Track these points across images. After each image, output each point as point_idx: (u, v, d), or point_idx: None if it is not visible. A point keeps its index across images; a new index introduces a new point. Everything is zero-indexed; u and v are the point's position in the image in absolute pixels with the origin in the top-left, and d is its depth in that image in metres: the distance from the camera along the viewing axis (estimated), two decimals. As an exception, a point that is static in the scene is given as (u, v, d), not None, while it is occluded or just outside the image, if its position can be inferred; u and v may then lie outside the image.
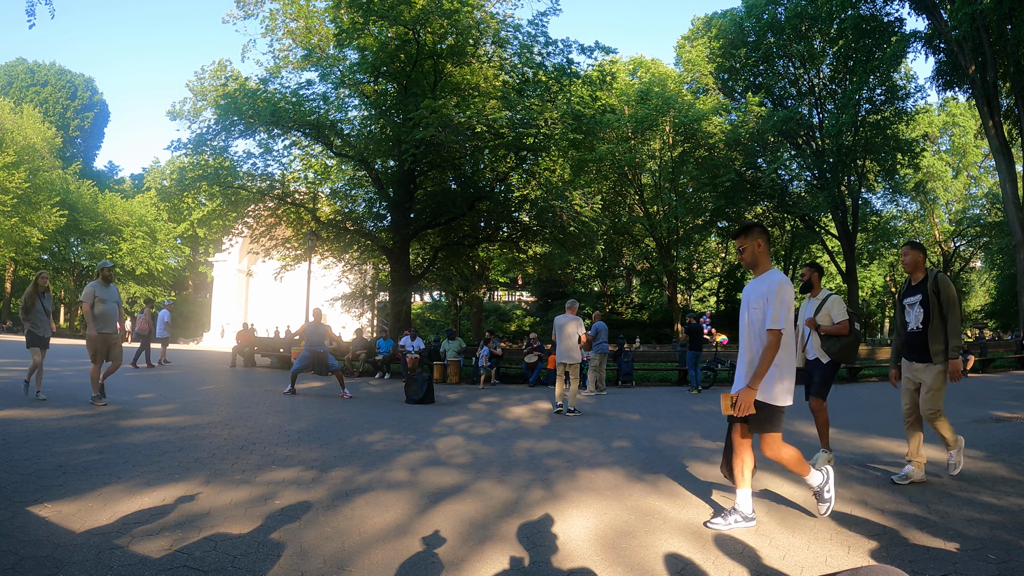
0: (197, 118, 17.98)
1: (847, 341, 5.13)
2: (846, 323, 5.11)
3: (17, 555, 2.69)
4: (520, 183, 20.58)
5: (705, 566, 2.90)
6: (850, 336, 5.13)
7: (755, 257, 3.60)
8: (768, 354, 3.33)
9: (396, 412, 8.60)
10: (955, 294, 4.43)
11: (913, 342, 4.62)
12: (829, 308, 5.24)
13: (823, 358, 5.19)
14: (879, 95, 27.48)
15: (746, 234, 3.62)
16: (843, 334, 5.14)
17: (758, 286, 3.52)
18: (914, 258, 4.69)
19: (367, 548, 3.06)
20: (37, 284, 7.72)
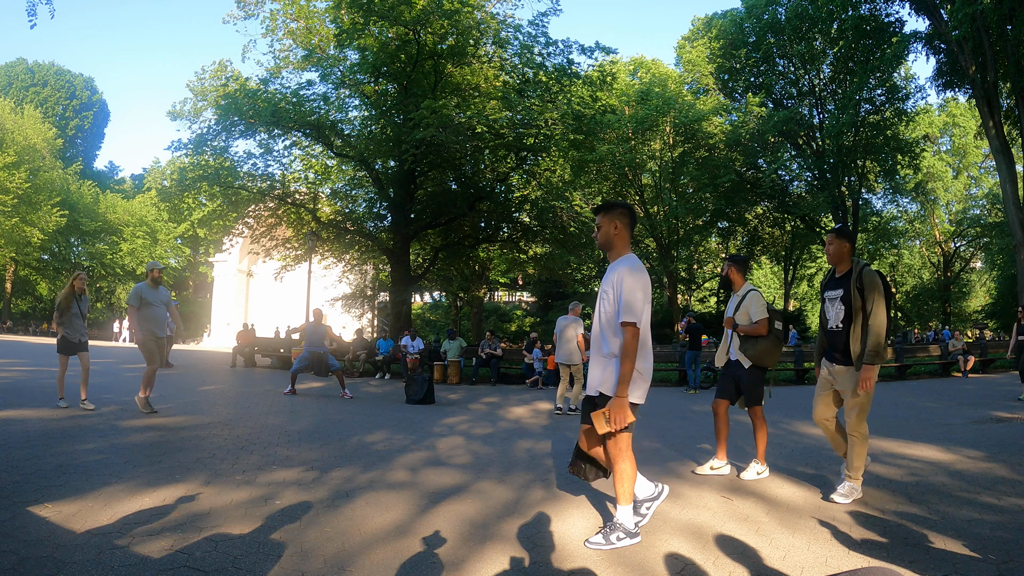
0: (197, 118, 18.02)
1: (765, 343, 4.70)
2: (765, 322, 4.68)
3: (18, 555, 2.69)
4: (520, 183, 20.60)
5: (705, 566, 2.90)
6: (769, 337, 4.70)
7: (609, 239, 3.28)
8: (629, 351, 3.01)
9: (396, 412, 8.60)
10: (882, 291, 3.95)
11: (833, 342, 4.17)
12: (747, 306, 4.78)
13: (744, 361, 4.76)
14: (879, 95, 27.50)
15: (606, 212, 3.29)
16: (760, 335, 4.71)
17: (609, 274, 3.22)
18: (838, 247, 4.21)
19: (367, 548, 3.06)
20: (74, 286, 7.25)
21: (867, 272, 4.01)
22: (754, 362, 4.71)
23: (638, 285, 3.07)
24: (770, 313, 4.71)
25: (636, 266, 3.13)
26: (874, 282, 3.94)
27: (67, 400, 7.17)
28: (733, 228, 34.50)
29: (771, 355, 4.74)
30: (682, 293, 39.18)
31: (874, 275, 3.98)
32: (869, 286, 3.93)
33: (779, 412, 9.12)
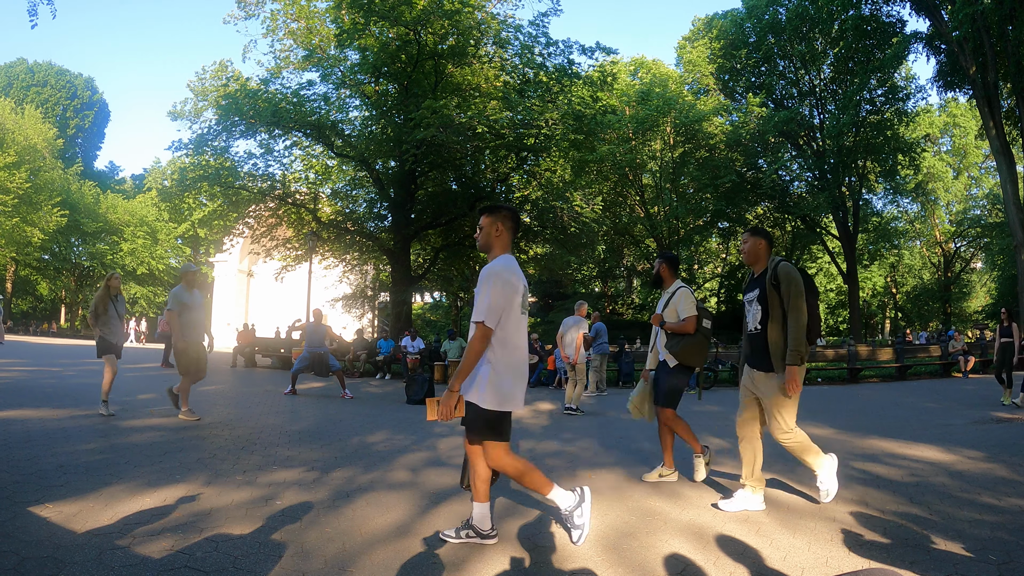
0: (198, 118, 18.03)
1: (690, 341, 4.51)
2: (692, 320, 4.49)
3: (18, 555, 2.69)
4: (521, 184, 20.60)
5: (706, 567, 2.90)
6: (696, 336, 4.51)
7: (489, 240, 3.17)
8: (471, 349, 2.94)
9: (397, 412, 8.60)
10: (801, 287, 3.70)
11: (753, 345, 3.94)
12: (676, 303, 4.60)
13: (670, 360, 4.57)
14: (880, 96, 27.50)
15: (490, 213, 3.19)
16: (687, 333, 4.51)
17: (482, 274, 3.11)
18: (753, 246, 4.00)
19: (368, 548, 3.06)
20: (109, 286, 7.06)
21: (783, 268, 3.79)
22: (680, 361, 4.52)
23: (494, 286, 2.96)
24: (699, 311, 4.54)
25: (499, 267, 3.01)
26: (791, 278, 3.72)
27: (114, 405, 7.02)
28: (733, 228, 34.50)
29: (697, 354, 4.57)
30: (682, 293, 39.13)
31: (791, 270, 3.77)
32: (785, 282, 3.72)
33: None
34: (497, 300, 2.95)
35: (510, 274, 3.02)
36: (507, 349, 3.02)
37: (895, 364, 15.88)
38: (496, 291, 2.95)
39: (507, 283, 2.99)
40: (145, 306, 46.11)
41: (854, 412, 9.15)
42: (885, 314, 49.11)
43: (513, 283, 3.01)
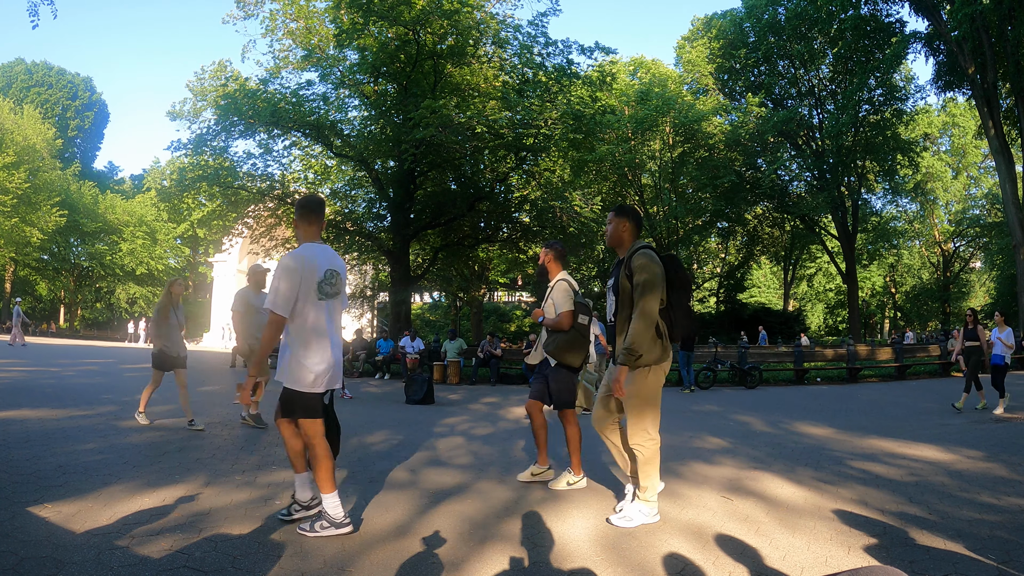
0: (197, 118, 18.02)
1: (564, 339, 4.21)
2: (568, 315, 4.19)
3: (17, 555, 2.69)
4: (520, 184, 20.60)
5: (705, 567, 2.90)
6: (570, 332, 4.21)
7: (297, 231, 3.39)
8: (263, 336, 3.15)
9: (396, 412, 8.60)
10: (655, 279, 3.29)
11: (609, 338, 3.65)
12: (553, 296, 4.31)
13: (550, 359, 4.31)
14: (879, 96, 27.52)
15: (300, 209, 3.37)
16: (562, 329, 4.22)
17: None
18: (615, 228, 3.61)
19: (367, 548, 3.06)
20: (171, 292, 6.49)
21: (639, 255, 3.40)
22: (557, 359, 4.27)
23: (277, 277, 3.10)
24: (576, 306, 4.23)
25: (286, 259, 3.15)
26: (643, 265, 3.32)
27: (148, 417, 6.58)
28: (733, 228, 34.53)
29: (572, 352, 4.26)
30: (682, 293, 39.15)
31: (646, 257, 3.36)
32: (638, 271, 3.33)
33: (779, 412, 9.14)
34: (283, 289, 3.06)
35: (296, 263, 3.11)
36: (307, 334, 3.12)
37: (894, 364, 15.89)
38: (280, 281, 3.07)
39: (291, 272, 3.08)
40: (144, 306, 46.07)
41: (853, 412, 9.15)
42: (884, 314, 49.16)
43: (299, 271, 3.09)
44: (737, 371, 14.35)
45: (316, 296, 3.15)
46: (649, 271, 3.30)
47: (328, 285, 3.22)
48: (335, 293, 3.28)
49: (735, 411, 9.31)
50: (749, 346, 17.36)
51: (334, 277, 3.27)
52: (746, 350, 15.25)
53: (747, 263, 40.07)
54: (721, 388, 13.68)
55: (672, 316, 3.41)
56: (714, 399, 11.28)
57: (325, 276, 3.21)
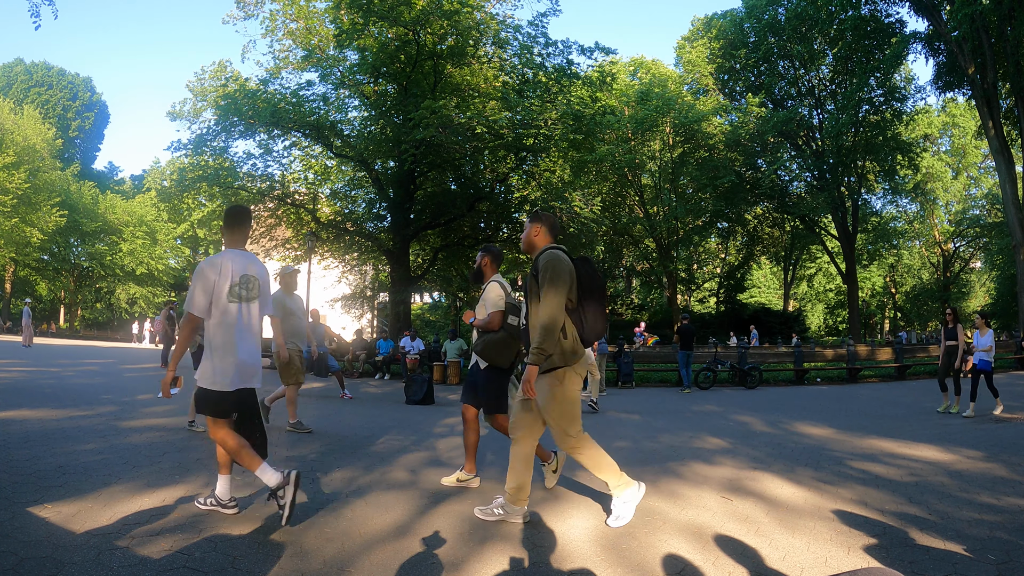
0: (197, 119, 18.04)
1: (493, 339, 4.14)
2: (497, 316, 4.14)
3: (17, 556, 2.69)
4: (520, 184, 20.62)
5: (705, 567, 2.90)
6: (498, 333, 4.14)
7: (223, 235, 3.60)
8: (180, 335, 3.38)
9: (396, 413, 8.60)
10: (558, 278, 3.25)
11: (524, 339, 3.63)
12: (485, 298, 4.26)
13: (480, 361, 4.27)
14: (879, 96, 27.53)
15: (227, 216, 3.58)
16: (492, 330, 4.17)
17: None
18: (528, 233, 3.64)
19: (367, 549, 3.06)
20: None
21: (544, 255, 3.40)
22: (486, 360, 4.21)
23: (196, 278, 3.34)
24: (507, 307, 4.19)
25: (206, 260, 3.38)
26: (546, 265, 3.30)
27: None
28: (733, 228, 34.55)
29: (502, 353, 4.18)
30: (682, 293, 39.21)
31: (550, 257, 3.35)
32: (541, 270, 3.29)
33: (779, 412, 9.13)
34: (197, 292, 3.30)
35: (211, 267, 3.33)
36: (217, 334, 3.31)
37: (894, 364, 15.89)
38: (196, 284, 3.32)
39: (205, 276, 3.30)
40: (144, 306, 46.06)
41: (853, 412, 9.15)
42: (884, 314, 49.17)
43: (209, 275, 3.31)
44: (737, 371, 14.35)
45: (227, 299, 3.33)
46: (551, 270, 3.28)
47: (242, 289, 3.39)
48: (251, 297, 3.44)
49: (735, 411, 9.30)
50: (748, 347, 17.35)
51: (249, 282, 3.43)
52: (746, 350, 15.25)
53: (747, 263, 40.09)
54: (721, 388, 13.68)
55: (583, 317, 3.38)
56: (714, 399, 11.28)
57: (240, 280, 3.38)
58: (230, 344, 3.30)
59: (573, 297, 3.35)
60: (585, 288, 3.38)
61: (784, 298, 43.29)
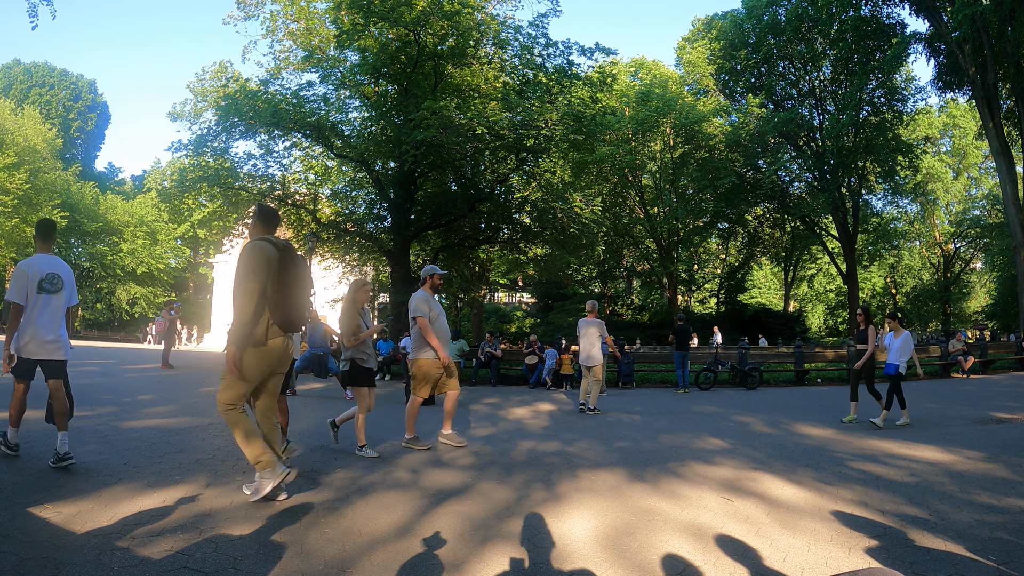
0: (198, 119, 18.03)
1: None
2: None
3: (18, 556, 2.69)
4: (520, 184, 20.61)
5: (705, 567, 2.90)
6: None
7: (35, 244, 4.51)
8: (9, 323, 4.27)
9: (397, 413, 8.58)
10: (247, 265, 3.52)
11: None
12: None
13: None
14: (879, 97, 27.51)
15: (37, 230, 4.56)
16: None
17: None
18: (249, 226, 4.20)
19: (368, 549, 3.06)
20: (355, 298, 5.53)
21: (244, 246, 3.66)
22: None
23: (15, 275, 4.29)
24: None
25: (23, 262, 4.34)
26: (242, 255, 3.57)
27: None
28: (733, 229, 34.53)
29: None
30: (682, 294, 39.20)
31: (247, 247, 3.61)
32: (238, 260, 3.58)
33: (779, 413, 9.13)
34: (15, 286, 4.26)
35: (26, 267, 4.33)
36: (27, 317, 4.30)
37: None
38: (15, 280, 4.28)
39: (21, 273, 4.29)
40: (145, 306, 46.08)
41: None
42: (885, 315, 49.12)
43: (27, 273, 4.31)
44: (737, 372, 14.34)
45: (36, 291, 4.33)
46: (243, 259, 3.57)
47: (48, 284, 4.40)
48: (55, 290, 4.46)
49: (735, 412, 9.30)
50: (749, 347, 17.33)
51: (55, 278, 4.46)
52: (746, 351, 15.23)
53: (747, 264, 40.07)
54: (722, 389, 13.67)
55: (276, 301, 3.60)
56: (714, 400, 11.27)
57: (46, 277, 4.39)
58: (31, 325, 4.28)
59: (269, 282, 3.58)
60: (285, 272, 3.63)
61: (784, 299, 43.27)
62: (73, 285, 4.69)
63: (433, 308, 5.81)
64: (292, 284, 3.68)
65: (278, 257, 3.62)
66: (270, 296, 3.58)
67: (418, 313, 5.71)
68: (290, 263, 3.68)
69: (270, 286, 3.57)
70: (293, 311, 3.68)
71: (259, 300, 3.54)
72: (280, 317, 3.61)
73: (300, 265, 3.80)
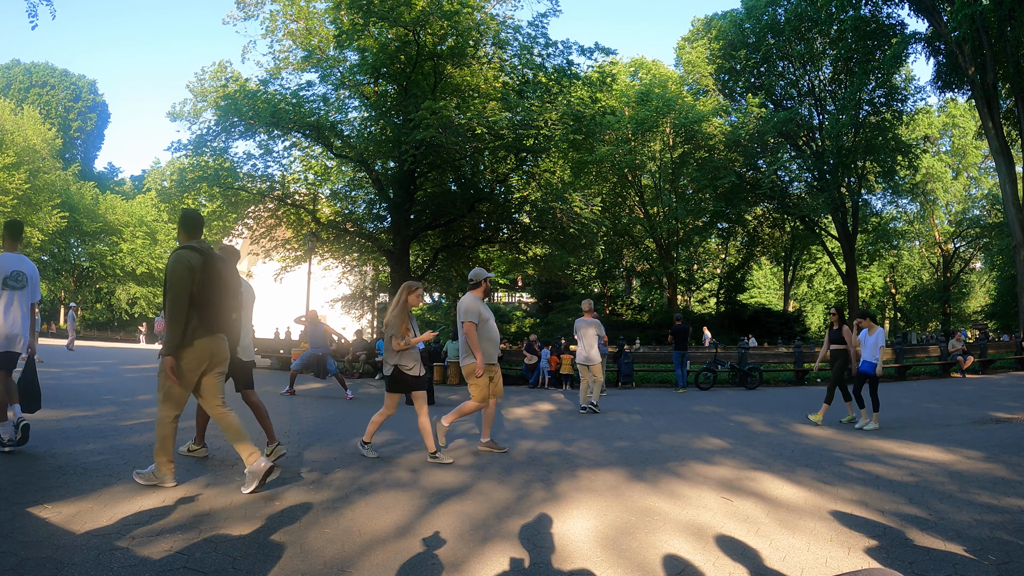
0: (197, 119, 18.00)
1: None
2: None
3: (17, 556, 2.69)
4: (520, 184, 20.60)
5: (705, 567, 2.90)
6: None
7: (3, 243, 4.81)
8: None
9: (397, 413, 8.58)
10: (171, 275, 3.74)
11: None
12: None
13: None
14: (879, 96, 27.53)
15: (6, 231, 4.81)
16: None
17: None
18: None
19: (368, 549, 3.06)
20: (407, 301, 5.26)
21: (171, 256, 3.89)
22: None
23: None
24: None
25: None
26: (168, 265, 3.82)
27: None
28: (733, 229, 34.54)
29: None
30: (682, 294, 39.20)
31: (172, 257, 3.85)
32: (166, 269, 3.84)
33: (779, 413, 9.13)
34: None
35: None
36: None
37: (895, 364, 15.88)
38: None
39: None
40: (145, 306, 46.05)
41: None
42: (884, 315, 49.16)
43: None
44: (737, 372, 14.34)
45: (2, 287, 4.62)
46: (168, 268, 3.80)
47: (13, 280, 4.66)
48: (20, 287, 4.71)
49: (735, 412, 9.30)
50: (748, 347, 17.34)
51: (20, 275, 4.72)
52: (746, 351, 15.24)
53: (747, 264, 40.09)
54: (721, 389, 13.67)
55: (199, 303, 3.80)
56: (714, 400, 11.27)
57: (11, 274, 4.65)
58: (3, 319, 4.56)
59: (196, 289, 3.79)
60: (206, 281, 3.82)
61: (784, 298, 43.29)
62: (37, 282, 4.95)
63: (483, 311, 5.70)
64: (214, 287, 3.87)
65: (201, 262, 3.81)
66: (195, 299, 3.78)
67: (468, 317, 5.59)
68: (212, 267, 3.86)
69: (195, 290, 3.77)
70: (215, 312, 3.90)
71: (186, 305, 3.74)
72: (203, 318, 3.82)
73: (224, 268, 4.00)
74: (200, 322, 3.80)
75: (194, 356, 3.81)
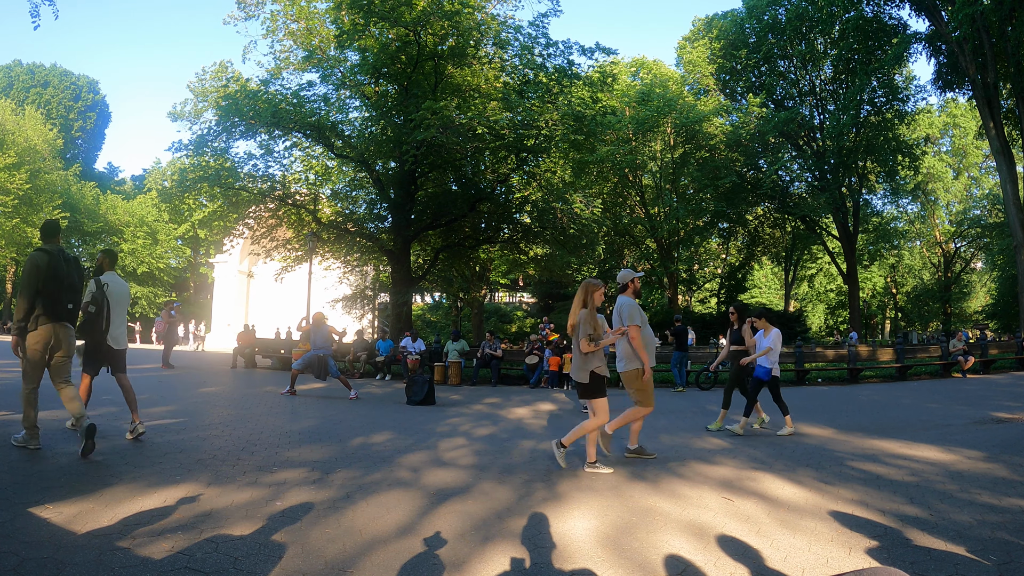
0: (198, 119, 18.01)
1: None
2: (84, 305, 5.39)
3: (18, 556, 2.69)
4: (521, 184, 20.59)
5: (706, 567, 2.90)
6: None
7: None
8: None
9: (397, 413, 8.60)
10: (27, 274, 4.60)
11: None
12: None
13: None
14: (880, 96, 27.52)
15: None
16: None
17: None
18: None
19: (369, 549, 3.06)
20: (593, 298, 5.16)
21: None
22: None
23: None
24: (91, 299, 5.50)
25: None
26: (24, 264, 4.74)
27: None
28: (734, 229, 34.52)
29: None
30: (683, 294, 39.19)
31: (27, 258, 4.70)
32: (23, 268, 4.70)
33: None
34: None
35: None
36: None
37: (895, 364, 15.87)
38: None
39: None
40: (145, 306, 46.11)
41: (854, 412, 9.14)
42: (885, 314, 49.14)
43: None
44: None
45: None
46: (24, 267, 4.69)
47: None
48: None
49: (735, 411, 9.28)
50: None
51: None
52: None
53: (748, 264, 40.06)
54: (722, 389, 13.64)
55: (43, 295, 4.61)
56: (714, 399, 11.26)
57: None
58: None
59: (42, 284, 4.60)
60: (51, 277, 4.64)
61: (785, 298, 43.25)
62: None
63: (642, 315, 5.47)
64: (57, 282, 4.68)
65: (47, 262, 4.65)
66: (40, 292, 4.59)
67: (634, 322, 5.34)
68: (57, 266, 4.71)
69: (39, 285, 4.59)
70: (55, 303, 4.69)
71: (32, 297, 4.59)
72: (45, 308, 4.63)
73: (68, 266, 4.81)
74: (43, 311, 4.61)
75: (38, 338, 4.62)
